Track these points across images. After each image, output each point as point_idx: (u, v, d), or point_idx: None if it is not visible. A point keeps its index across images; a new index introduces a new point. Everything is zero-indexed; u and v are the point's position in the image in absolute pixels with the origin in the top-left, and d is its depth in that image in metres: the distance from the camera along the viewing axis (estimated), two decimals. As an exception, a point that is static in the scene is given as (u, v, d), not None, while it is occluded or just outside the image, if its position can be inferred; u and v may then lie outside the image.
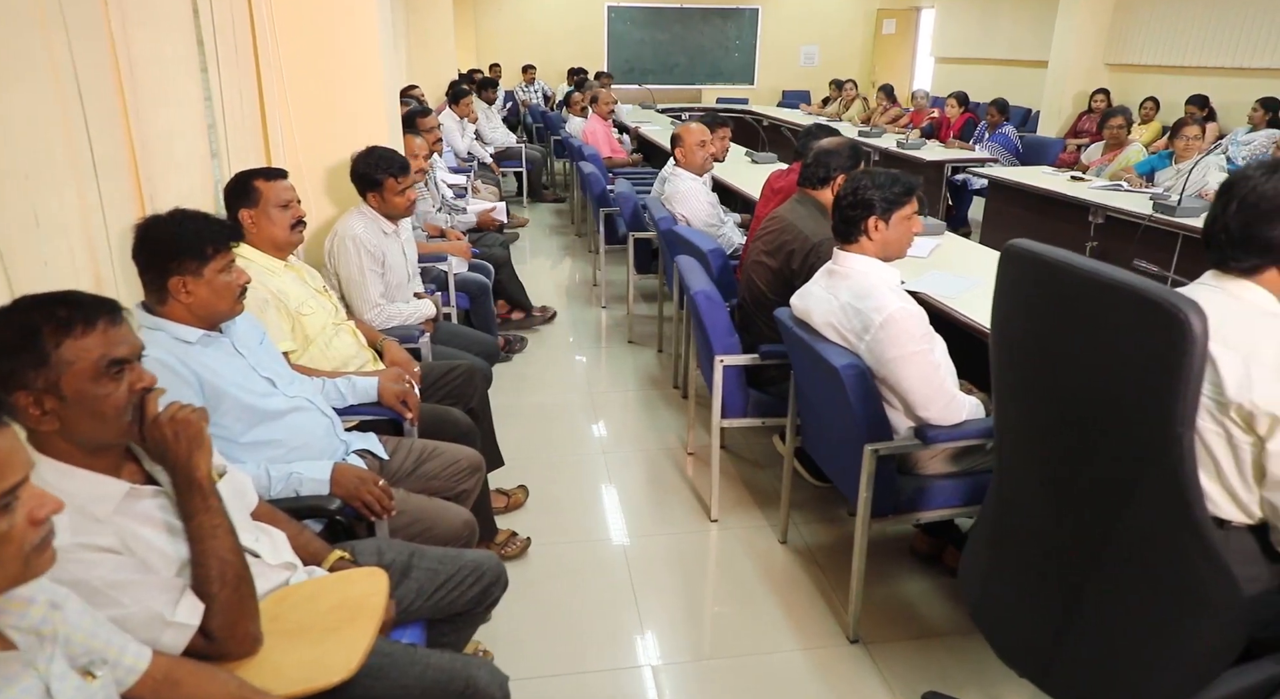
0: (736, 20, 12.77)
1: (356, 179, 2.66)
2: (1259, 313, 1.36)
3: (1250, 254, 1.36)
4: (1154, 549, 1.22)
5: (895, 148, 6.52)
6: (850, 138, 2.78)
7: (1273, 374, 1.28)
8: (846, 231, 2.04)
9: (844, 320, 2.00)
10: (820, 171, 2.71)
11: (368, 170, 2.64)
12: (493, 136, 7.61)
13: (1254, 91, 6.65)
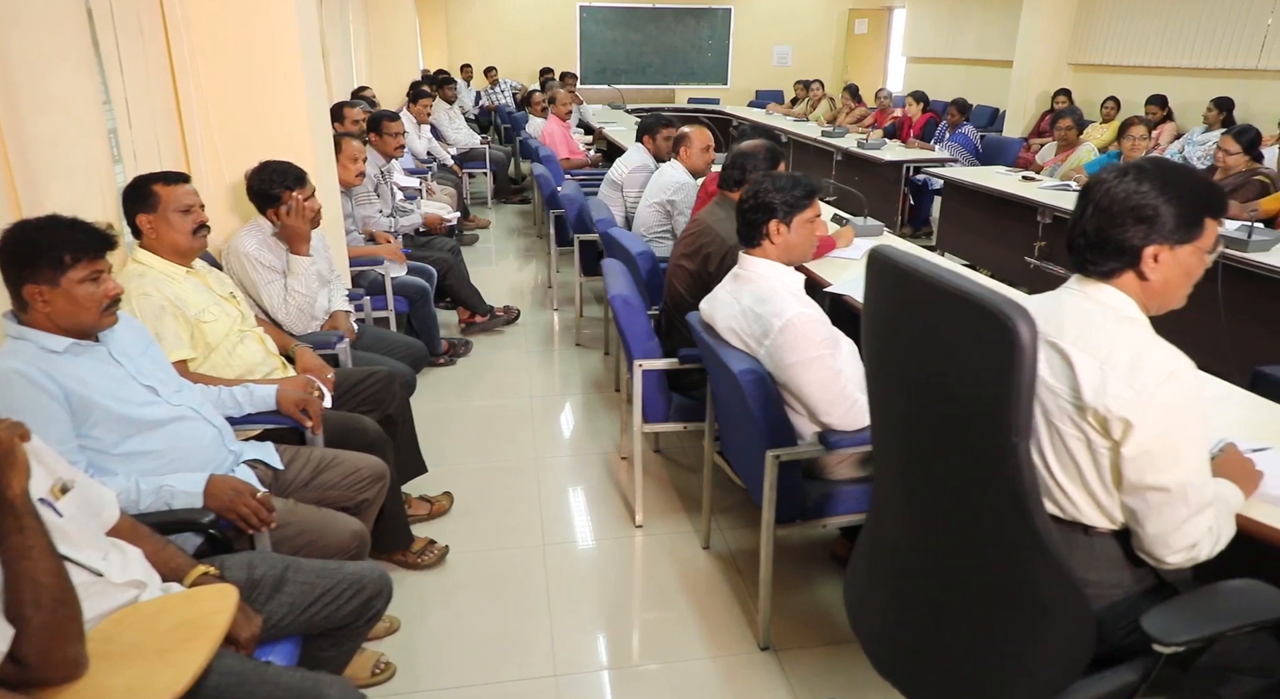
0: (709, 20, 12.76)
1: (253, 196, 2.60)
2: (1116, 317, 1.34)
3: (1107, 258, 1.35)
4: (1000, 560, 1.21)
5: (856, 148, 6.52)
6: (765, 141, 2.76)
7: (1126, 378, 1.27)
8: (749, 235, 2.02)
9: (745, 325, 1.98)
10: (736, 174, 2.69)
11: (263, 186, 2.57)
12: (455, 137, 7.57)
13: (1212, 91, 6.69)
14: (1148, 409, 1.25)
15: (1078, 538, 1.38)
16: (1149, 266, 1.33)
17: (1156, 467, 1.26)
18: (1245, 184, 4.05)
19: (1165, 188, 1.30)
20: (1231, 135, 4.11)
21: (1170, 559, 1.29)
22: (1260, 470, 1.51)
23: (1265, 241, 3.29)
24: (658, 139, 4.11)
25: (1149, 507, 1.29)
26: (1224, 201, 1.34)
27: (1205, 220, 1.32)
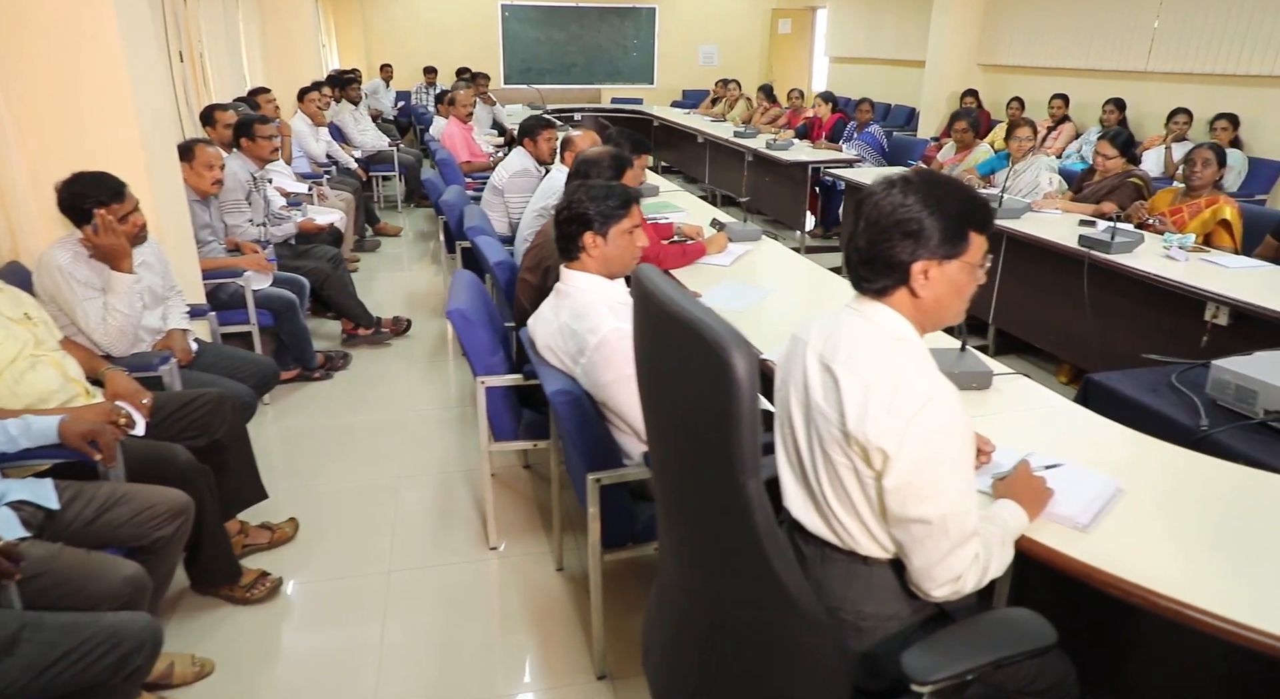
0: (634, 20, 12.69)
1: (64, 210, 2.40)
2: (888, 338, 1.29)
3: (878, 274, 1.29)
4: (746, 601, 1.14)
5: (764, 149, 6.51)
6: (611, 148, 2.68)
7: (887, 405, 1.21)
8: (566, 247, 1.94)
9: (561, 343, 1.90)
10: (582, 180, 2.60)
11: (73, 200, 2.37)
12: (362, 140, 7.34)
13: (1107, 92, 6.86)
14: (906, 438, 1.20)
15: (856, 568, 1.33)
16: (919, 283, 1.27)
17: (917, 498, 1.21)
18: (1120, 186, 4.12)
19: (929, 201, 1.25)
20: (1107, 139, 4.18)
21: (935, 593, 1.24)
22: (1051, 489, 1.48)
23: (1127, 243, 3.33)
24: (539, 141, 4.00)
25: (913, 539, 1.24)
26: (988, 214, 1.29)
27: (970, 233, 1.27)
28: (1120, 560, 1.34)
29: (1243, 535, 1.41)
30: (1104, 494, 1.49)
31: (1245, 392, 1.85)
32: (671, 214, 3.96)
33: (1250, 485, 1.57)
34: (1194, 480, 1.59)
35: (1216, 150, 3.64)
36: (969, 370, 1.98)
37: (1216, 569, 1.32)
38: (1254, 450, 1.74)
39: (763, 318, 2.56)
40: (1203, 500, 1.53)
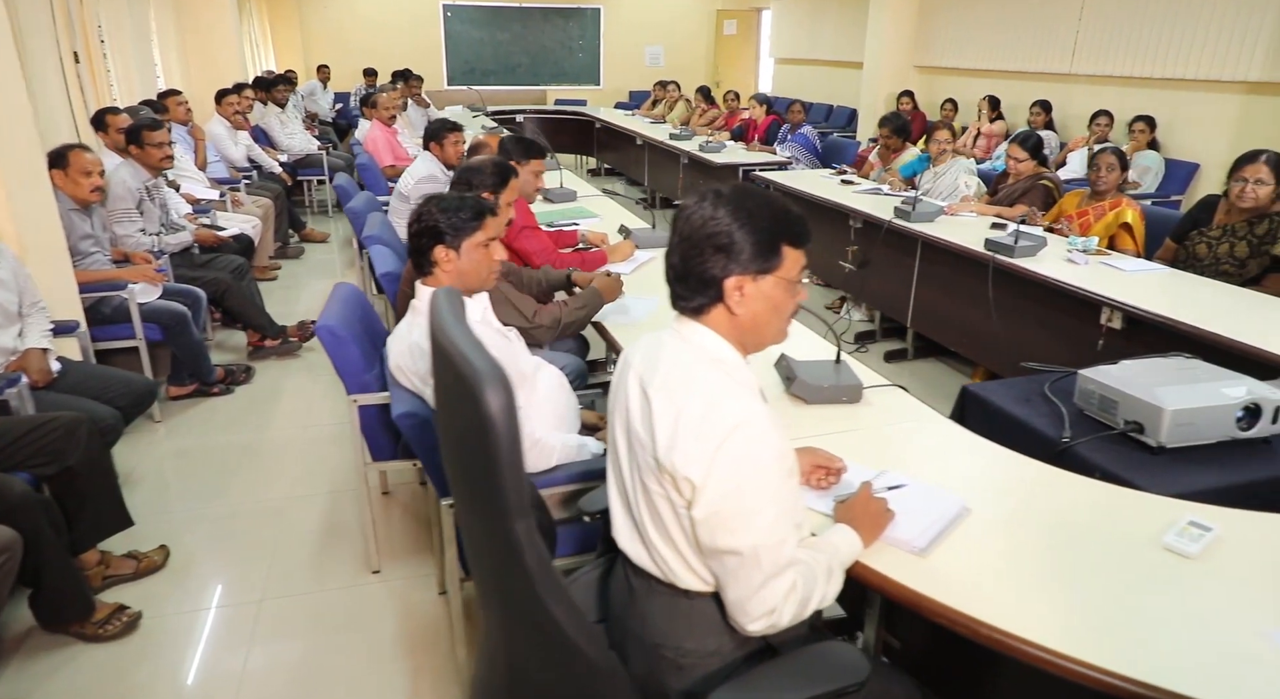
0: (578, 20, 12.60)
1: None
2: (704, 359, 1.23)
3: (694, 291, 1.24)
4: (538, 649, 1.07)
5: (698, 151, 6.47)
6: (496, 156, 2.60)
7: (695, 432, 1.15)
8: (419, 263, 1.85)
9: (410, 363, 1.81)
10: (462, 189, 2.51)
11: None
12: (289, 144, 7.15)
13: (1036, 94, 6.95)
14: (713, 467, 1.14)
15: (678, 602, 1.27)
16: (734, 300, 1.21)
17: (726, 529, 1.15)
18: (1032, 189, 4.14)
19: (739, 214, 1.19)
20: (1017, 142, 4.20)
21: (750, 627, 1.18)
22: (892, 512, 1.43)
23: (1031, 247, 3.34)
24: (446, 145, 3.90)
25: (726, 571, 1.18)
26: (801, 229, 1.23)
27: (783, 248, 1.21)
28: (950, 585, 1.29)
29: (1079, 556, 1.38)
30: (947, 515, 1.45)
31: (1108, 402, 1.83)
32: (583, 220, 3.88)
33: (1095, 501, 1.54)
34: (1040, 497, 1.56)
35: (1119, 154, 3.67)
36: (838, 384, 1.93)
37: (1046, 594, 1.29)
38: (1111, 462, 1.72)
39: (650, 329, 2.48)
40: (1045, 519, 1.49)
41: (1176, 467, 1.71)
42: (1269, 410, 1.74)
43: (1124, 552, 1.39)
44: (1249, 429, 1.75)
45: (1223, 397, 1.74)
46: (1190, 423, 1.71)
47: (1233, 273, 3.20)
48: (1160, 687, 1.09)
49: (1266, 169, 3.04)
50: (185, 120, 5.56)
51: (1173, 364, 1.94)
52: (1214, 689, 1.08)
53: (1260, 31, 5.16)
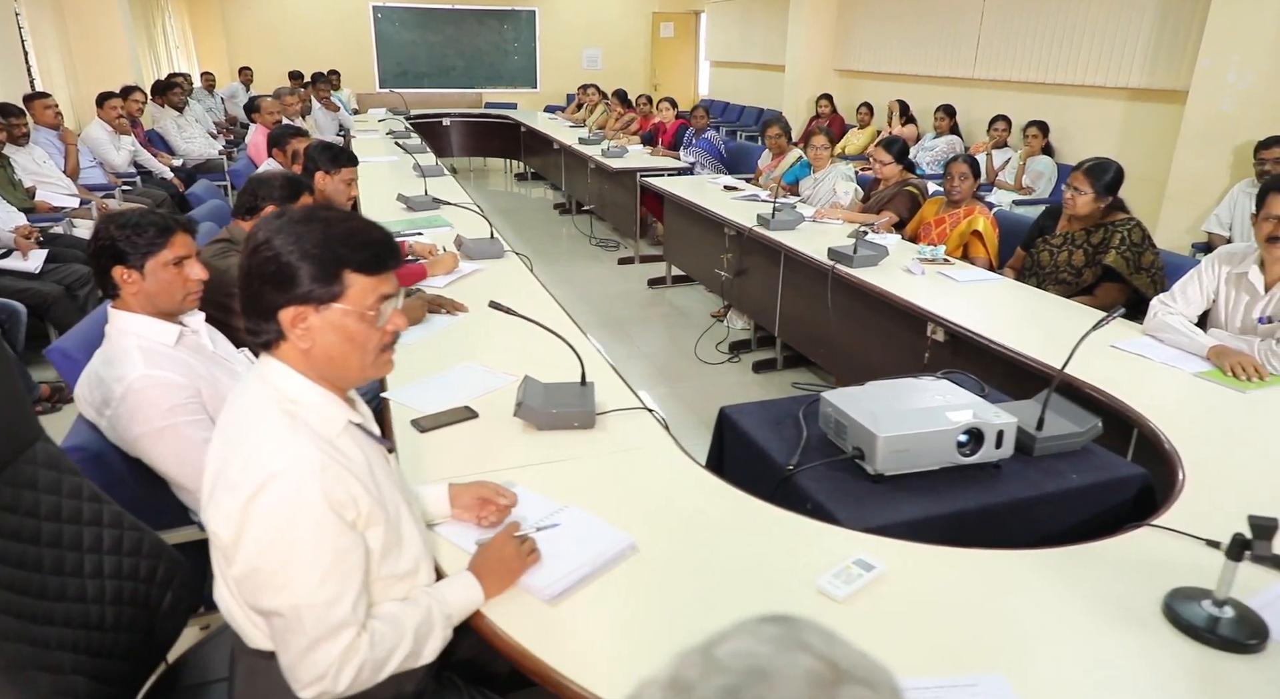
0: (513, 22, 12.47)
1: None
2: (272, 400, 1.12)
3: (258, 326, 1.13)
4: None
5: (599, 156, 6.37)
6: (288, 171, 2.48)
7: (230, 484, 1.05)
8: (102, 284, 1.72)
9: (89, 392, 1.68)
10: (249, 201, 2.39)
11: None
12: (186, 148, 6.95)
13: (943, 98, 6.94)
14: (246, 521, 1.03)
15: (257, 663, 1.16)
16: (296, 333, 1.11)
17: (266, 589, 1.05)
18: (897, 195, 4.09)
19: (291, 242, 1.09)
20: (881, 146, 4.15)
21: (303, 694, 1.08)
22: (536, 554, 1.33)
23: (871, 256, 3.27)
24: (288, 151, 3.76)
25: (274, 633, 1.08)
26: (371, 255, 1.12)
27: (346, 276, 1.11)
28: (562, 641, 1.20)
29: (728, 603, 1.29)
30: (603, 557, 1.35)
31: (840, 426, 1.75)
32: (433, 230, 3.75)
33: (779, 538, 1.46)
34: (724, 533, 1.47)
35: (972, 163, 3.63)
36: (569, 409, 1.83)
37: (660, 650, 1.19)
38: (827, 491, 1.63)
39: (421, 354, 2.37)
40: (717, 559, 1.40)
41: (894, 495, 1.63)
42: (991, 435, 1.67)
43: (777, 596, 1.30)
44: (972, 455, 1.67)
45: (945, 422, 1.66)
46: (906, 450, 1.63)
47: (1070, 281, 3.16)
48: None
49: (1084, 177, 3.01)
50: (55, 124, 5.37)
51: (921, 385, 1.86)
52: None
53: (1138, 40, 5.18)
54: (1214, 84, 4.34)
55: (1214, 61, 4.32)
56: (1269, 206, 2.22)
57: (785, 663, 0.47)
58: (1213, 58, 4.32)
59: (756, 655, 0.48)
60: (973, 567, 1.38)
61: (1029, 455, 1.78)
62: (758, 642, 0.49)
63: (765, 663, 0.47)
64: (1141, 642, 1.22)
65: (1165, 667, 1.17)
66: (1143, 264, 2.98)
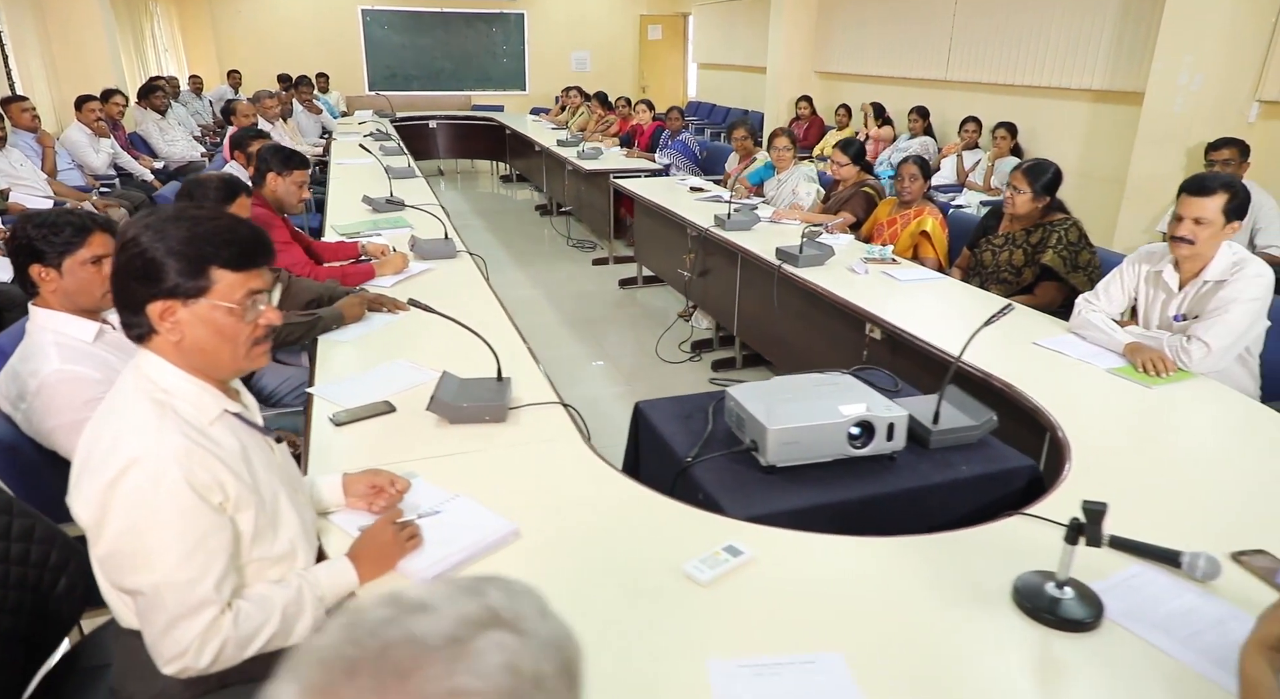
0: (502, 25, 12.54)
1: None
2: (143, 390, 1.17)
3: (131, 320, 1.18)
4: None
5: (574, 158, 6.43)
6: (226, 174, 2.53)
7: (93, 470, 1.11)
8: (22, 283, 1.78)
9: (5, 386, 1.74)
10: (186, 202, 2.44)
11: None
12: (168, 151, 7.02)
13: (918, 99, 7.00)
14: (107, 505, 1.09)
15: (129, 641, 1.22)
16: (165, 326, 1.16)
17: (126, 569, 1.11)
18: (854, 196, 4.14)
19: (157, 238, 1.14)
20: (839, 147, 4.20)
21: (165, 669, 1.14)
22: (417, 540, 1.38)
23: (817, 256, 3.33)
24: (249, 153, 3.81)
25: (138, 611, 1.13)
26: (238, 252, 1.18)
27: (212, 271, 1.16)
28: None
29: (595, 589, 1.34)
30: (483, 543, 1.41)
31: (740, 420, 1.80)
32: (391, 231, 3.81)
33: (659, 527, 1.51)
34: (606, 520, 1.53)
35: (922, 164, 3.68)
36: (479, 403, 1.89)
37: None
38: (719, 483, 1.68)
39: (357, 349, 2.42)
40: (594, 546, 1.46)
41: (783, 486, 1.68)
42: (881, 428, 1.72)
43: (643, 580, 1.36)
44: (863, 447, 1.73)
45: (836, 415, 1.71)
46: (796, 442, 1.69)
47: (1010, 281, 3.21)
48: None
49: (1022, 177, 3.06)
50: (32, 127, 5.44)
51: (826, 380, 1.91)
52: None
53: (1100, 42, 5.22)
54: (1167, 85, 4.39)
55: (1167, 63, 4.37)
56: (1178, 207, 2.27)
57: (449, 604, 0.51)
58: (1166, 59, 4.37)
59: (430, 596, 0.52)
60: (839, 553, 1.44)
61: (926, 448, 1.84)
62: (444, 586, 0.53)
63: (431, 601, 0.51)
64: (987, 623, 1.27)
65: (1004, 646, 1.22)
66: (1079, 263, 3.03)
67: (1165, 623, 1.25)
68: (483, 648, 0.47)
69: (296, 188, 3.00)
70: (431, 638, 0.46)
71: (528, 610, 0.52)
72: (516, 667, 0.46)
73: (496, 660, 0.46)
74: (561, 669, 0.50)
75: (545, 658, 0.49)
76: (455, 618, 0.50)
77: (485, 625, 0.50)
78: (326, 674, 0.45)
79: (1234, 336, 2.20)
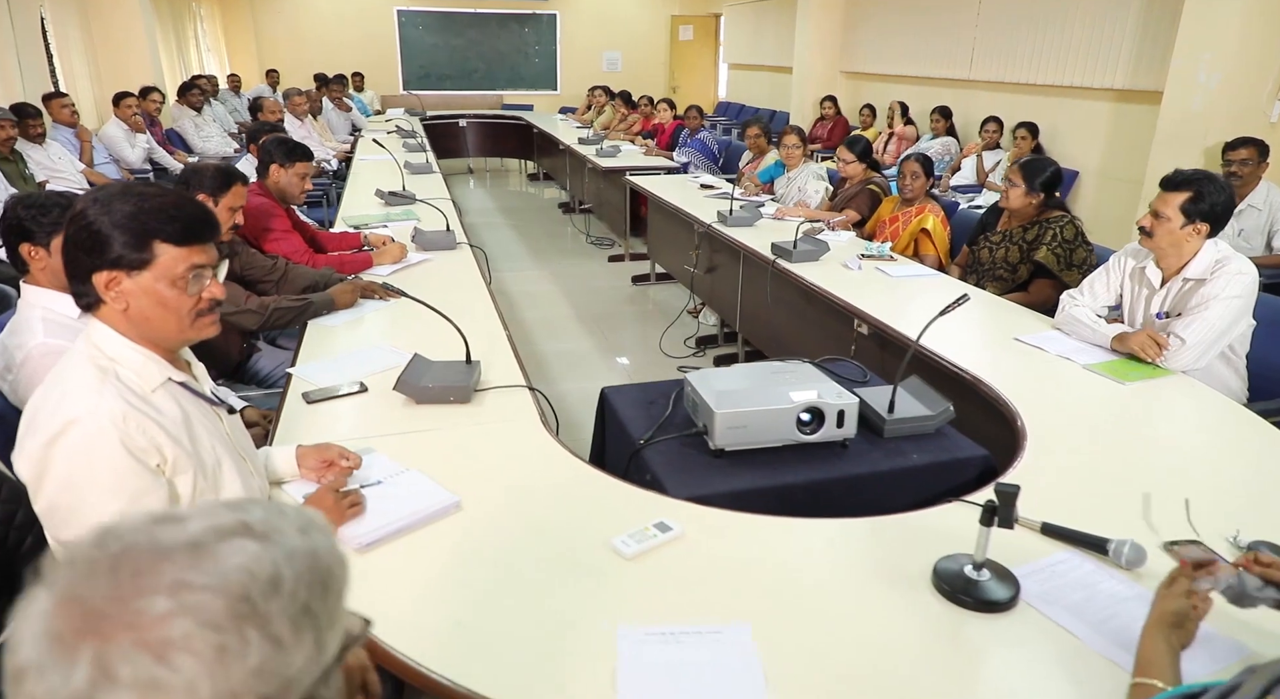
0: (534, 25, 12.67)
1: None
2: (89, 357, 1.24)
3: (80, 290, 1.25)
4: None
5: (593, 156, 6.49)
6: (222, 163, 2.62)
7: (34, 428, 1.18)
8: (13, 261, 1.88)
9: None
10: (183, 189, 2.54)
11: None
12: (203, 147, 7.25)
13: (942, 99, 6.92)
14: (47, 461, 1.17)
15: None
16: (110, 295, 1.23)
17: (65, 524, 1.19)
18: (860, 193, 4.13)
19: (103, 212, 1.21)
20: (845, 145, 4.19)
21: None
22: (359, 507, 1.45)
23: (812, 251, 3.33)
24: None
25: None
26: (180, 228, 1.24)
27: (155, 245, 1.23)
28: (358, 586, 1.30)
29: (524, 560, 1.38)
30: (422, 513, 1.46)
31: (695, 405, 1.83)
32: (399, 223, 3.90)
33: (597, 504, 1.55)
34: (548, 498, 1.57)
35: (924, 162, 3.66)
36: (443, 384, 1.94)
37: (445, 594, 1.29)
38: (667, 465, 1.71)
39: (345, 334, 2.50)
40: (530, 520, 1.50)
41: (729, 469, 1.70)
42: (831, 415, 1.74)
43: (571, 551, 1.40)
44: (813, 433, 1.74)
45: (786, 401, 1.73)
46: (744, 426, 1.71)
47: (1006, 278, 3.19)
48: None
49: (1018, 171, 3.03)
50: (71, 122, 5.67)
51: (786, 368, 1.93)
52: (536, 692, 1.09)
53: (1123, 40, 5.12)
54: (1186, 83, 4.29)
55: (1186, 61, 4.27)
56: (1154, 200, 2.24)
57: (204, 518, 0.53)
58: (1185, 57, 4.28)
59: (190, 512, 0.54)
60: (769, 533, 1.46)
61: (881, 437, 1.85)
62: (210, 504, 0.56)
63: (188, 514, 0.54)
64: (901, 602, 1.28)
65: (914, 625, 1.24)
66: (1074, 261, 3.00)
67: (1081, 607, 1.26)
68: (222, 552, 0.51)
69: (299, 179, 3.10)
70: (173, 543, 0.51)
71: (285, 526, 0.55)
72: (251, 569, 0.50)
73: (232, 562, 0.50)
74: (310, 578, 0.53)
75: (289, 565, 0.52)
76: (203, 527, 0.52)
77: (232, 534, 0.52)
78: (71, 575, 0.49)
79: (1213, 334, 2.17)
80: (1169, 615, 1.04)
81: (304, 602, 0.52)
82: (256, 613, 0.49)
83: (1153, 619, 1.06)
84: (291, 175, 3.07)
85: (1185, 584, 1.07)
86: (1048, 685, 1.13)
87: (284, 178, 3.07)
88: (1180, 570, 1.10)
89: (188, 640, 0.47)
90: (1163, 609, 1.06)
